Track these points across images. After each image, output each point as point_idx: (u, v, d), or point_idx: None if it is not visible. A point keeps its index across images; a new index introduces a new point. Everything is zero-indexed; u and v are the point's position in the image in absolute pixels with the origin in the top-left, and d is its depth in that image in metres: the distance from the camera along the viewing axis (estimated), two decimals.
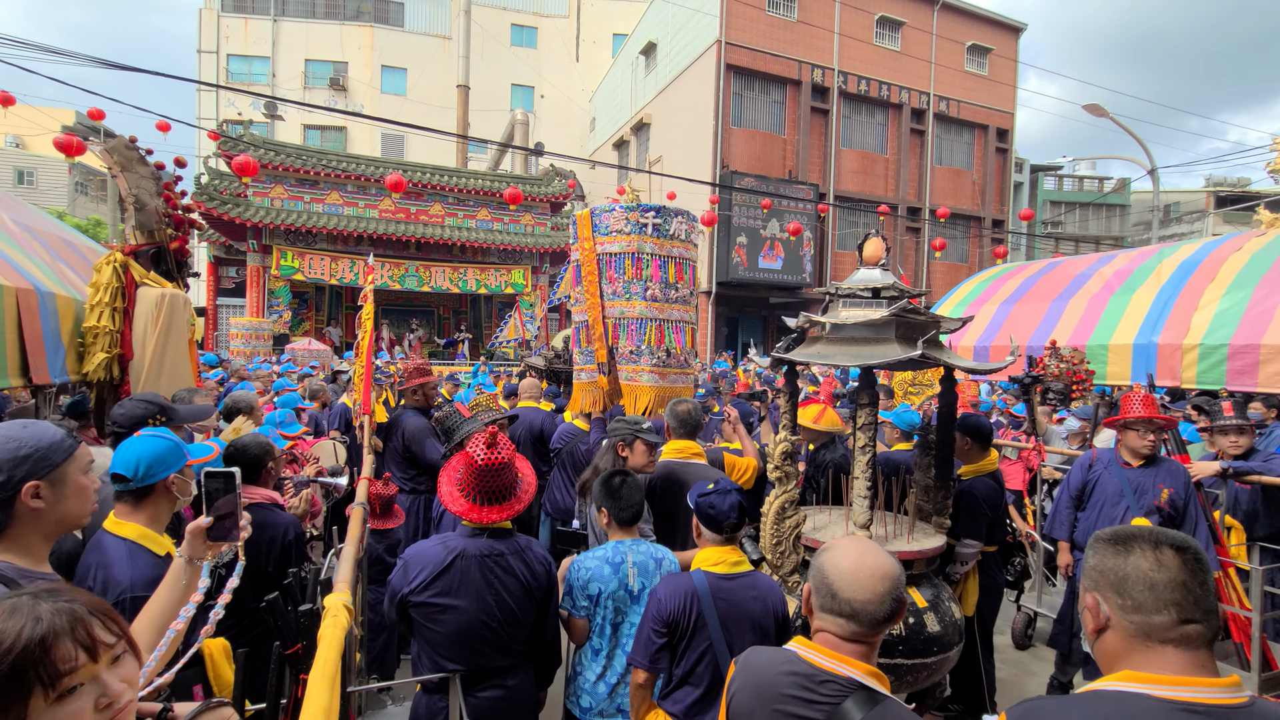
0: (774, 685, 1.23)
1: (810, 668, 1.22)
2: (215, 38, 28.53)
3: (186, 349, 3.77)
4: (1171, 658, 0.97)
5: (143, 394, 2.43)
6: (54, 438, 1.37)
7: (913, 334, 2.65)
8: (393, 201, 16.36)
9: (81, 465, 1.42)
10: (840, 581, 1.23)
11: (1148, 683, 0.96)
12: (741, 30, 18.98)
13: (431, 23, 30.85)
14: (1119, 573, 1.02)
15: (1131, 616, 1.00)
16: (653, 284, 3.55)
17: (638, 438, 2.89)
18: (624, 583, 2.14)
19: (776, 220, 18.77)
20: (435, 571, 1.87)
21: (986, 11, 23.06)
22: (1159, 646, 0.98)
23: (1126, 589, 1.01)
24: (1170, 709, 0.92)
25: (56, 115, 25.06)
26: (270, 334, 14.51)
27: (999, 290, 8.87)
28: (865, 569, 1.23)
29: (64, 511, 1.38)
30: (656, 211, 3.58)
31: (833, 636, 1.24)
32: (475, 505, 1.91)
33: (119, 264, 3.48)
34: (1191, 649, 0.97)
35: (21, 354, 2.88)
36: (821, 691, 1.18)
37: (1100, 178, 38.00)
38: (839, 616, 1.23)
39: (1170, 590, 0.98)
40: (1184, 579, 0.98)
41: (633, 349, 3.55)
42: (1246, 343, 5.83)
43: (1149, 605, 0.99)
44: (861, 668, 1.21)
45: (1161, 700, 0.94)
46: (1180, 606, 0.97)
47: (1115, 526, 1.11)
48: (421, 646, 1.92)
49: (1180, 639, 0.97)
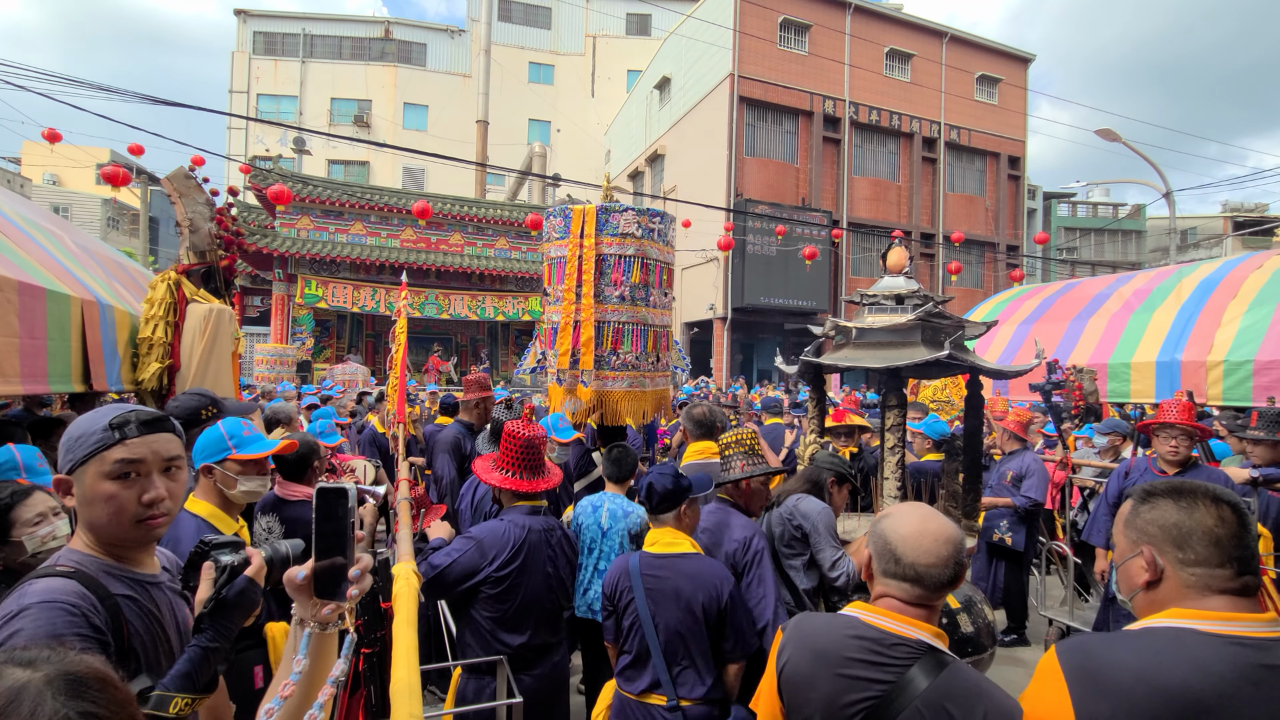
0: (838, 649, 1.24)
1: (878, 631, 1.23)
2: (246, 78, 29.78)
3: (230, 361, 3.93)
4: (1223, 603, 1.02)
5: (194, 389, 2.55)
6: (86, 429, 1.15)
7: (938, 337, 2.72)
8: (414, 231, 16.79)
9: (109, 467, 1.13)
10: (903, 546, 1.25)
11: (1197, 618, 1.01)
12: (754, 64, 19.48)
13: (453, 62, 31.99)
14: (1183, 528, 1.05)
15: (1194, 569, 1.03)
16: (654, 290, 3.54)
17: (846, 480, 2.89)
18: (598, 520, 2.77)
19: (791, 246, 18.96)
20: (514, 548, 1.99)
21: (994, 43, 23.48)
22: (1213, 597, 1.02)
23: (1190, 543, 1.04)
24: (1221, 642, 0.97)
25: (93, 153, 26.14)
26: (294, 360, 14.81)
27: (1018, 310, 8.89)
28: (928, 534, 1.24)
29: (91, 517, 1.14)
30: (660, 218, 3.61)
31: (896, 600, 1.25)
32: (522, 480, 2.02)
33: (173, 282, 3.67)
34: (1247, 598, 1.02)
35: (84, 361, 3.03)
36: (892, 654, 1.20)
37: (1115, 204, 37.99)
38: (903, 581, 1.24)
39: (1234, 546, 1.02)
40: (1243, 535, 1.03)
41: (637, 355, 3.47)
42: (1271, 358, 5.81)
43: (1213, 559, 1.02)
44: (928, 629, 1.22)
45: (1211, 635, 0.98)
46: (1241, 561, 1.02)
47: (1167, 479, 1.15)
48: (474, 629, 1.99)
49: (1240, 589, 1.02)
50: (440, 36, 32.33)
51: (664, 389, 3.62)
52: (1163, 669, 0.97)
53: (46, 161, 28.41)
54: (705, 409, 3.24)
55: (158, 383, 3.44)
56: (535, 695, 2.01)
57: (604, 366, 3.44)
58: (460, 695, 2.05)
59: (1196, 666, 0.96)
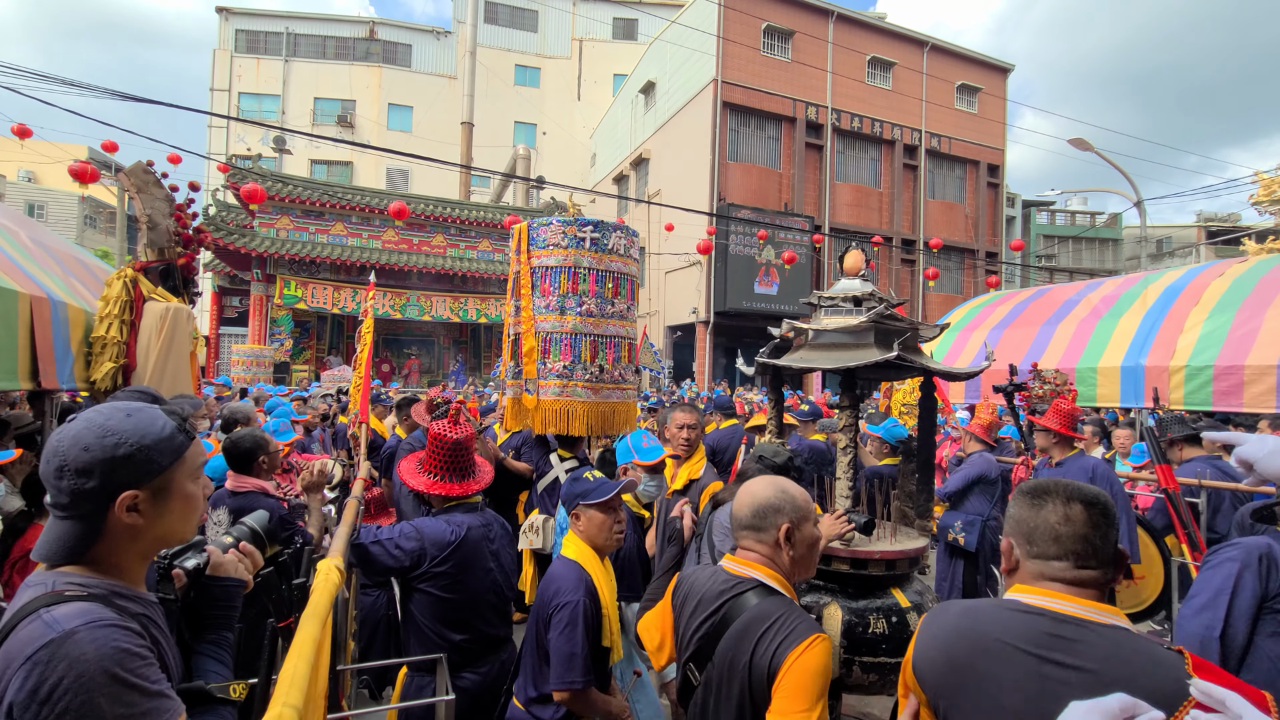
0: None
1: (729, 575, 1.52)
2: (228, 76, 29.46)
3: (187, 361, 3.88)
4: (1057, 588, 1.13)
5: (136, 387, 2.52)
6: (160, 433, 1.06)
7: (891, 339, 2.76)
8: (396, 232, 16.69)
9: (192, 470, 1.11)
10: (734, 506, 1.55)
11: (1026, 593, 1.15)
12: (737, 70, 19.62)
13: (438, 63, 31.88)
14: (1030, 524, 1.18)
15: (1035, 562, 1.16)
16: (588, 299, 3.46)
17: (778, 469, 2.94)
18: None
19: (773, 250, 19.07)
20: (451, 546, 1.97)
21: (975, 53, 23.85)
22: (1050, 583, 1.14)
23: (1035, 538, 1.16)
24: (1026, 610, 1.12)
25: (69, 150, 25.72)
26: (271, 361, 14.65)
27: (989, 316, 9.01)
28: (745, 493, 1.57)
29: (166, 529, 1.08)
30: (595, 226, 3.53)
31: (743, 549, 1.55)
32: (451, 483, 2.00)
33: (129, 279, 3.62)
34: (1081, 588, 1.12)
35: (32, 359, 2.98)
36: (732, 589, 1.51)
37: (1092, 212, 38.66)
38: (739, 530, 1.54)
39: (1072, 542, 1.12)
40: (1086, 532, 1.12)
41: (566, 364, 3.43)
42: (1231, 364, 5.93)
43: (1051, 553, 1.14)
44: (762, 569, 1.51)
45: (1024, 605, 1.13)
46: (1079, 555, 1.12)
47: (1037, 479, 1.25)
48: (416, 627, 1.98)
49: (1074, 580, 1.12)
50: (426, 38, 32.21)
51: (618, 401, 3.55)
52: (974, 623, 1.15)
53: (21, 158, 27.87)
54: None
55: (111, 382, 3.39)
56: (481, 691, 2.01)
57: (539, 375, 3.44)
58: (404, 693, 2.05)
59: (996, 622, 1.12)
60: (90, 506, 1.00)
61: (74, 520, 1.01)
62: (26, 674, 0.85)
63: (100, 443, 1.00)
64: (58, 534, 1.01)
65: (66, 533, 1.01)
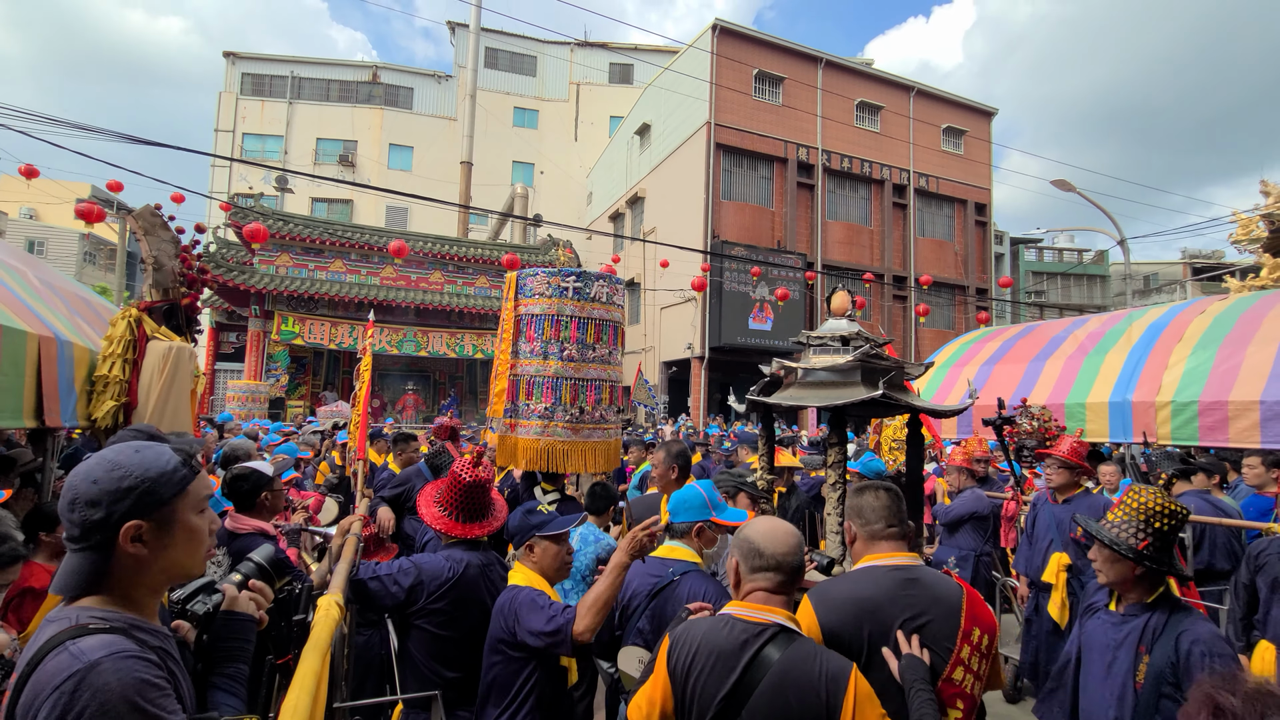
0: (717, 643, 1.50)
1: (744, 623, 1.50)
2: (233, 117, 30.13)
3: (188, 399, 3.93)
4: (886, 548, 1.77)
5: (136, 425, 2.57)
6: (164, 466, 1.11)
7: (877, 378, 2.84)
8: (394, 269, 16.89)
9: (196, 502, 1.15)
10: (764, 542, 1.58)
11: (877, 559, 1.75)
12: (730, 113, 20.21)
13: (438, 105, 32.71)
14: (858, 505, 1.83)
15: (866, 528, 1.80)
16: (569, 345, 3.62)
17: (740, 489, 3.09)
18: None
19: (766, 286, 19.34)
20: (449, 583, 2.00)
21: (959, 97, 24.66)
22: (880, 542, 1.77)
23: (863, 514, 1.81)
24: (887, 568, 1.72)
25: (72, 188, 26.09)
26: (266, 397, 14.64)
27: (979, 352, 9.14)
28: (779, 529, 1.61)
29: (171, 560, 1.11)
30: (578, 276, 3.73)
31: (763, 591, 1.56)
32: (456, 523, 2.04)
33: (133, 319, 3.69)
34: (897, 542, 1.77)
35: (38, 397, 3.03)
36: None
37: (1079, 250, 39.41)
38: (768, 571, 1.56)
39: (884, 511, 1.78)
40: (889, 504, 1.79)
41: (547, 406, 3.56)
42: (1215, 399, 6.04)
43: (873, 520, 1.78)
44: (783, 614, 1.53)
45: (882, 566, 1.73)
46: (888, 520, 1.77)
47: (859, 482, 1.68)
48: (412, 664, 2.00)
49: (890, 536, 1.77)
50: (427, 81, 33.12)
51: (599, 441, 3.67)
52: (858, 588, 1.70)
53: (23, 196, 28.24)
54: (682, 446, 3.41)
55: (112, 420, 3.43)
56: None
57: (517, 415, 3.61)
58: None
59: (874, 583, 1.69)
60: (99, 537, 1.05)
61: (85, 552, 1.06)
62: (54, 702, 0.91)
63: (107, 476, 1.06)
64: (72, 567, 1.07)
65: (79, 565, 1.06)
